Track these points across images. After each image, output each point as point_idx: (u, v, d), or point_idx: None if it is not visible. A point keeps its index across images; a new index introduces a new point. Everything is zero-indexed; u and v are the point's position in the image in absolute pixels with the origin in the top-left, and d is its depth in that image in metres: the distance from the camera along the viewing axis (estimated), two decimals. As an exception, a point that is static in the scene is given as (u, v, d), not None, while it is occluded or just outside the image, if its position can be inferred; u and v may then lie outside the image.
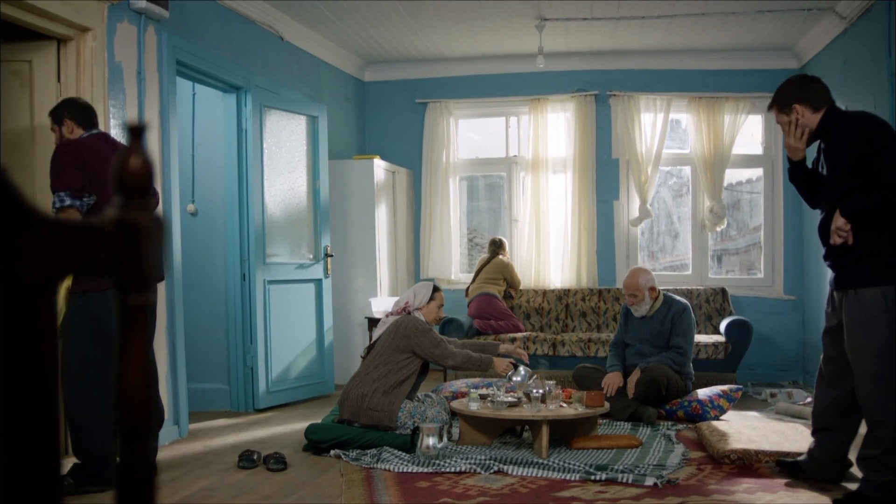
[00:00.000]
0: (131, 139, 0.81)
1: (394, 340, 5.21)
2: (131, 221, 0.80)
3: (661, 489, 4.05)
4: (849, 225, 3.62)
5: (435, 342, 5.20)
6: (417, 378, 5.30)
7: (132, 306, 0.82)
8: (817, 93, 3.97)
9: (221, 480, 4.38)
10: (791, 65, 8.23)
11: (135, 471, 0.84)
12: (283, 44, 7.16)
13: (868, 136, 3.68)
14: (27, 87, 4.69)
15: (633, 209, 8.51)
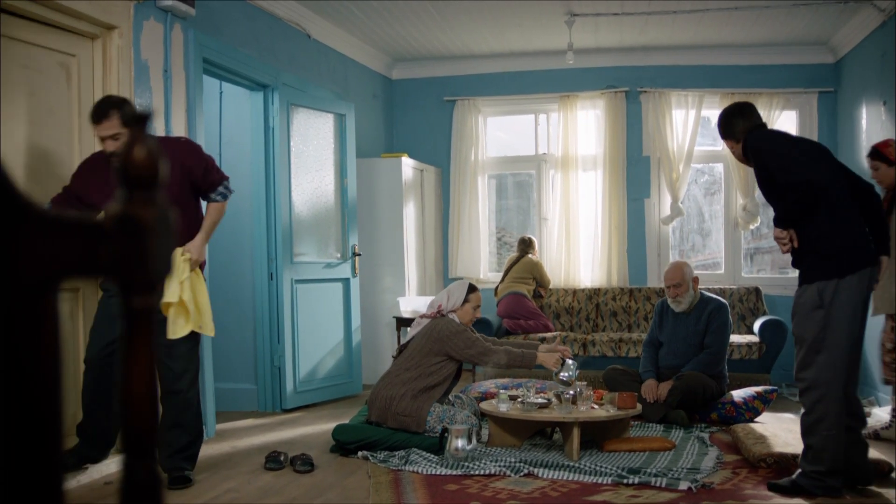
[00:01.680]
0: (135, 128, 0.74)
1: (426, 343, 5.13)
2: (134, 217, 0.73)
3: (696, 493, 3.96)
4: (784, 232, 3.88)
5: (470, 342, 5.10)
6: (451, 383, 5.23)
7: (136, 310, 0.76)
8: (735, 125, 4.26)
9: (248, 482, 4.33)
10: (827, 59, 8.08)
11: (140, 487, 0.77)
12: (310, 41, 7.12)
13: (758, 154, 4.00)
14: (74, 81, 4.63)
15: (665, 207, 8.39)
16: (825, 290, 3.80)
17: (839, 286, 3.79)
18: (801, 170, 3.81)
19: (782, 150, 3.95)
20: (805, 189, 3.77)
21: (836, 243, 3.83)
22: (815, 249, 3.85)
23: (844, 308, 3.79)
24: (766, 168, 3.93)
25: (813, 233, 3.85)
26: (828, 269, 3.81)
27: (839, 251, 3.82)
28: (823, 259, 3.83)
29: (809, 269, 3.87)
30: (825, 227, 3.83)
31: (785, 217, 3.87)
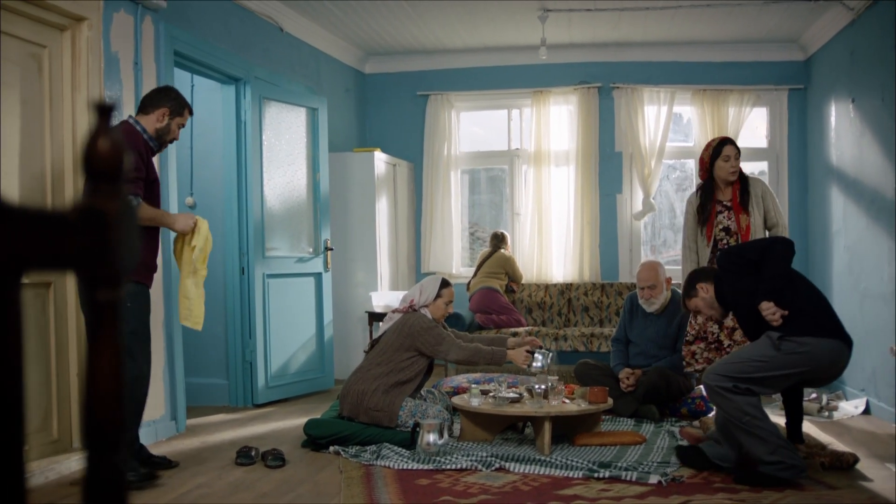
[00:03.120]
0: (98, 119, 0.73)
1: (397, 339, 5.12)
2: (99, 210, 0.72)
3: (666, 487, 3.98)
4: (771, 303, 4.08)
5: (439, 338, 5.08)
6: (422, 379, 5.22)
7: (101, 303, 0.75)
8: (706, 269, 4.63)
9: (218, 477, 4.31)
10: (797, 57, 8.15)
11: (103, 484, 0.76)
12: (282, 35, 7.08)
13: (724, 260, 4.46)
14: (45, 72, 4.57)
15: (637, 203, 8.43)
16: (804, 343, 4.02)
17: (820, 343, 4.03)
18: (768, 239, 4.40)
19: (746, 243, 4.50)
20: (786, 244, 4.26)
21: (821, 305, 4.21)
22: (800, 308, 4.10)
23: (811, 360, 4.02)
24: (743, 260, 4.28)
25: (795, 298, 4.14)
26: (807, 326, 4.06)
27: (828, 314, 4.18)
28: (807, 316, 4.10)
29: (799, 323, 4.07)
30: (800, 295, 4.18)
31: (777, 279, 4.14)
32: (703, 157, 5.49)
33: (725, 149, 5.37)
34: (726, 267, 4.34)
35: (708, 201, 5.40)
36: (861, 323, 6.50)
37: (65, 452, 4.49)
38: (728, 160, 5.35)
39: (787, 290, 4.11)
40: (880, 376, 6.06)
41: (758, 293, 4.11)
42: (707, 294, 4.40)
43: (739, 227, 5.32)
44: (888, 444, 5.08)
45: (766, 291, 4.10)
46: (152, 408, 5.13)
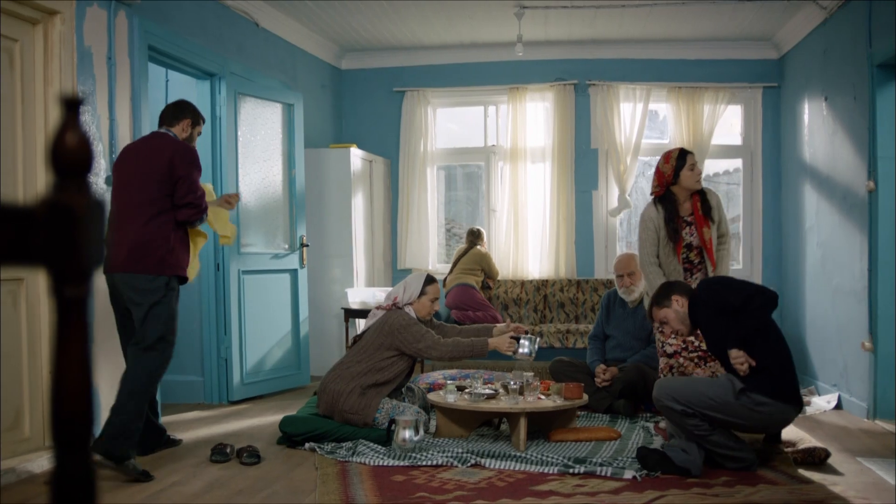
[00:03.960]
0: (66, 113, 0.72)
1: (378, 337, 5.07)
2: (66, 205, 0.72)
3: (641, 482, 4.01)
4: (741, 352, 4.03)
5: (418, 335, 5.02)
6: (403, 380, 5.17)
7: (69, 299, 0.74)
8: (682, 283, 4.59)
9: (193, 475, 4.29)
10: (771, 55, 8.21)
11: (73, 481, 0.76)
12: (258, 30, 7.05)
13: (705, 291, 4.34)
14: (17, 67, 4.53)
15: (612, 199, 8.47)
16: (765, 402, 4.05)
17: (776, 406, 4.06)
18: (753, 285, 4.28)
19: (725, 279, 4.41)
20: (765, 297, 4.15)
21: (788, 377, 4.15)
22: (767, 366, 4.07)
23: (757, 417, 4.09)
24: (725, 301, 4.16)
25: (766, 353, 4.10)
26: (769, 388, 4.05)
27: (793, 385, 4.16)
28: (777, 380, 4.08)
29: (763, 382, 4.05)
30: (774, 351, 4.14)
31: (744, 331, 4.07)
32: (661, 170, 5.27)
33: (689, 157, 5.25)
34: (705, 299, 4.27)
35: (674, 216, 5.21)
36: (833, 319, 6.57)
37: (37, 451, 4.45)
38: (694, 168, 5.24)
39: (759, 341, 4.08)
40: (852, 372, 6.12)
41: (730, 338, 4.09)
42: (682, 308, 4.35)
43: (703, 241, 5.15)
44: (859, 438, 5.14)
45: (738, 339, 4.06)
46: (126, 405, 5.09)
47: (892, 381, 5.64)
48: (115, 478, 4.17)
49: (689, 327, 4.39)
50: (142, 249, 4.36)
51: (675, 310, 4.35)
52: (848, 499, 3.72)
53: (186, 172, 4.46)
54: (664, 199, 5.25)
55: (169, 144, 4.53)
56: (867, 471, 4.29)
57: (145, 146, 4.59)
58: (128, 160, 4.57)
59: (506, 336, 5.07)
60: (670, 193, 5.24)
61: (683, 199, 5.25)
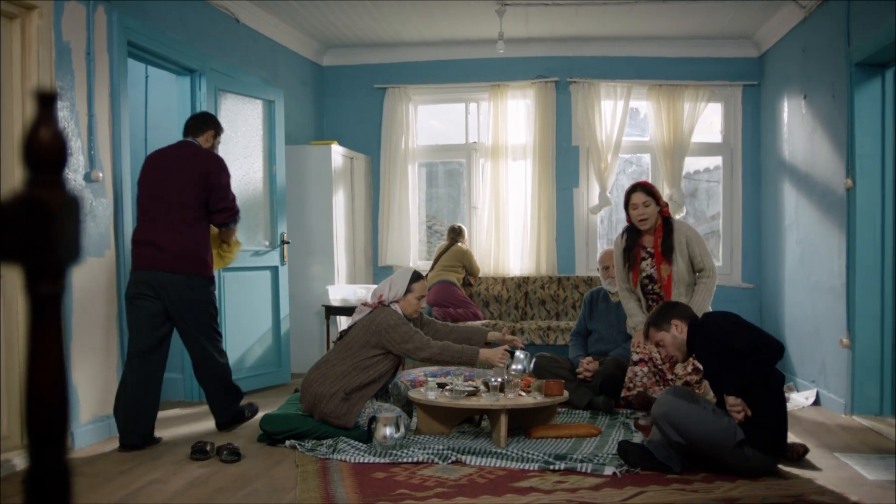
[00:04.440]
0: (40, 108, 0.72)
1: (364, 335, 4.97)
2: (40, 201, 0.71)
3: (621, 478, 4.03)
4: (739, 399, 3.99)
5: (406, 336, 4.91)
6: (388, 380, 5.10)
7: (43, 296, 0.73)
8: (686, 309, 4.43)
9: (173, 473, 4.27)
10: (751, 53, 8.25)
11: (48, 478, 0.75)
12: (238, 26, 7.02)
13: (713, 327, 4.17)
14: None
15: (593, 197, 8.49)
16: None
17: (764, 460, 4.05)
18: (763, 336, 4.06)
19: (737, 321, 4.16)
20: (775, 351, 4.01)
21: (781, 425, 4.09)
22: (762, 421, 4.01)
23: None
24: (729, 342, 4.04)
25: (764, 404, 4.04)
26: (763, 443, 4.02)
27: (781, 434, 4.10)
28: (769, 434, 4.03)
29: (759, 437, 4.01)
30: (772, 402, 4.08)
31: (748, 381, 3.99)
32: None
33: (633, 197, 5.27)
34: (708, 334, 4.18)
35: (633, 245, 5.27)
36: (812, 316, 6.61)
37: (15, 449, 4.42)
38: (636, 208, 5.23)
39: (758, 389, 4.02)
40: (830, 368, 6.17)
41: (729, 384, 4.02)
42: (680, 334, 4.28)
43: (661, 277, 5.19)
44: (837, 434, 5.18)
45: (737, 388, 4.00)
46: (104, 404, 5.07)
47: (870, 377, 5.69)
48: (94, 475, 4.16)
49: (685, 354, 4.36)
50: (188, 252, 4.87)
51: (672, 335, 4.29)
52: (825, 493, 3.75)
53: (219, 180, 4.98)
54: (630, 228, 5.40)
55: (202, 154, 5.00)
56: (844, 466, 4.33)
57: (177, 155, 4.99)
58: (159, 167, 4.97)
59: (500, 349, 5.01)
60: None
61: (644, 231, 5.32)
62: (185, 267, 4.86)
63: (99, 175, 5.05)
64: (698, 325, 4.26)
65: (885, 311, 5.68)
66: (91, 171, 5.00)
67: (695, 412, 4.07)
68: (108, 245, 5.19)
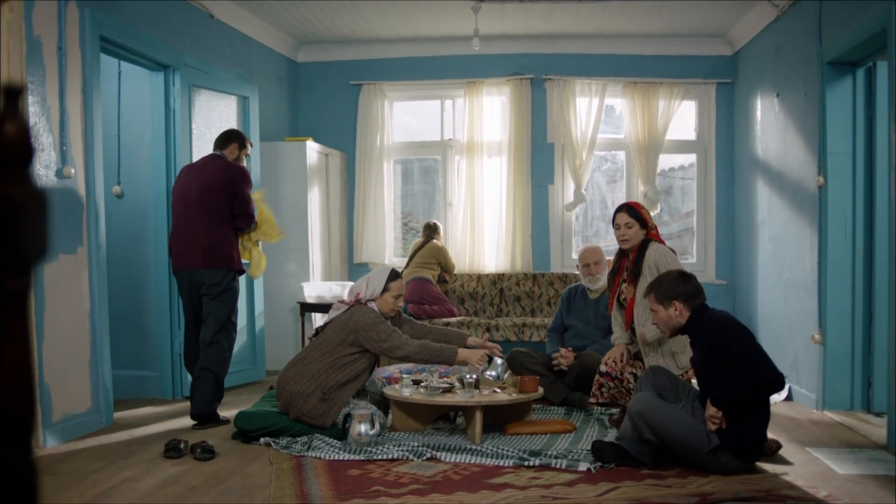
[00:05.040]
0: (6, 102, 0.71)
1: (341, 333, 4.93)
2: (5, 196, 0.70)
3: (595, 474, 4.04)
4: (720, 413, 4.00)
5: (385, 335, 4.87)
6: (366, 377, 5.06)
7: (9, 292, 0.73)
8: (697, 292, 4.31)
9: (146, 471, 4.24)
10: (725, 51, 8.31)
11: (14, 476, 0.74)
12: (213, 22, 6.97)
13: (724, 336, 4.05)
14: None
15: (568, 194, 8.51)
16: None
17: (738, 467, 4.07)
18: (770, 369, 3.96)
19: (749, 342, 4.06)
20: (773, 388, 3.99)
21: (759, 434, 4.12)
22: (741, 438, 4.03)
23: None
24: (728, 354, 3.99)
25: (751, 422, 4.05)
26: (742, 453, 4.05)
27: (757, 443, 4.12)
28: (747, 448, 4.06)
29: (740, 447, 4.04)
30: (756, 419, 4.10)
31: (737, 402, 3.99)
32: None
33: (617, 217, 5.26)
34: (714, 336, 4.09)
35: (617, 270, 5.31)
36: (784, 312, 6.67)
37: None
38: (618, 228, 5.23)
39: (749, 411, 4.02)
40: (802, 364, 6.22)
41: (717, 398, 4.00)
42: (678, 316, 4.26)
43: (629, 299, 5.20)
44: (808, 429, 5.23)
45: (724, 404, 3.99)
46: (76, 401, 5.03)
47: (841, 373, 5.75)
48: (66, 474, 4.12)
49: (672, 334, 4.38)
50: (214, 249, 5.45)
51: (669, 314, 4.27)
52: (796, 487, 3.79)
53: (241, 190, 5.54)
54: (621, 251, 5.37)
55: (227, 167, 5.57)
56: (815, 460, 4.37)
57: (206, 167, 5.58)
58: (190, 177, 5.58)
59: (480, 351, 4.99)
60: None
61: (631, 253, 5.32)
62: (214, 262, 5.46)
63: (71, 171, 5.00)
64: (705, 319, 4.20)
65: (856, 308, 5.74)
66: (63, 167, 4.95)
67: (672, 414, 4.10)
68: (81, 242, 5.15)
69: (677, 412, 4.13)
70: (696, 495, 3.63)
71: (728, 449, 4.01)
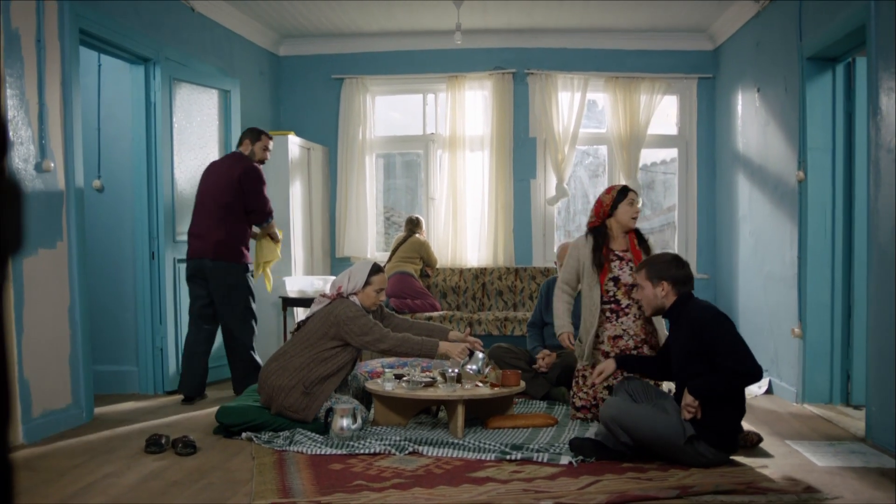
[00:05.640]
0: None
1: (322, 326, 4.93)
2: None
3: (577, 468, 4.06)
4: (696, 402, 4.03)
5: (366, 328, 4.87)
6: (348, 372, 5.07)
7: (-15, 286, 0.72)
8: (687, 279, 4.35)
9: (127, 466, 4.22)
10: (706, 46, 8.33)
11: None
12: (194, 15, 6.93)
13: (706, 326, 4.09)
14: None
15: (550, 188, 8.53)
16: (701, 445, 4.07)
17: (718, 456, 4.10)
18: (749, 360, 4.00)
19: (732, 333, 4.09)
20: (751, 380, 4.02)
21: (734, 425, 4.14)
22: (719, 429, 4.06)
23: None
24: (708, 344, 4.04)
25: (727, 413, 4.09)
26: (719, 443, 4.08)
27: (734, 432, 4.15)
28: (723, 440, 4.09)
29: (717, 437, 4.07)
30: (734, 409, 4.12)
31: (716, 393, 4.02)
32: (602, 200, 5.37)
33: (631, 194, 5.29)
34: (695, 322, 4.13)
35: (602, 246, 5.27)
36: (765, 305, 6.71)
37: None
38: (633, 204, 5.25)
39: (724, 401, 4.05)
40: (782, 357, 6.26)
41: (695, 388, 4.03)
42: (664, 297, 4.30)
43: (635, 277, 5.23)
44: (788, 422, 5.27)
45: (701, 394, 4.02)
46: (56, 397, 5.01)
47: (820, 366, 5.79)
48: (46, 470, 4.10)
49: (653, 313, 4.41)
50: (227, 243, 5.94)
51: (655, 293, 4.32)
52: (775, 480, 3.82)
53: (252, 187, 6.00)
54: (597, 230, 5.35)
55: (240, 165, 6.01)
56: (795, 453, 4.41)
57: (224, 164, 6.08)
58: (210, 173, 6.10)
59: (462, 344, 4.99)
60: (604, 227, 5.34)
61: (617, 234, 5.32)
62: (224, 255, 5.93)
63: (50, 165, 4.96)
64: (689, 306, 4.23)
65: (836, 302, 5.78)
66: (42, 160, 4.92)
67: (643, 414, 4.13)
68: (60, 236, 5.11)
69: (649, 410, 4.17)
70: (677, 488, 3.65)
71: (705, 439, 4.04)
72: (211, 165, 6.22)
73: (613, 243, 5.31)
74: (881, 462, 4.21)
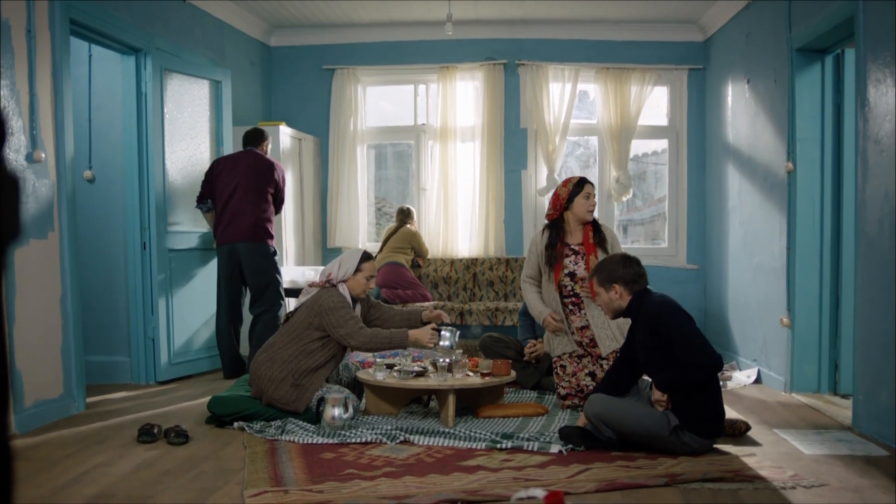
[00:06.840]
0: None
1: (307, 315, 4.94)
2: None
3: (567, 456, 4.09)
4: (665, 395, 4.11)
5: (342, 321, 4.86)
6: (337, 363, 5.07)
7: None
8: (638, 276, 4.34)
9: (119, 456, 4.24)
10: (696, 37, 8.35)
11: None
12: (185, 5, 6.92)
13: (662, 321, 4.12)
14: None
15: (541, 179, 8.55)
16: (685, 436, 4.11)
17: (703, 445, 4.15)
18: (704, 352, 4.04)
19: (687, 327, 4.11)
20: (710, 371, 4.04)
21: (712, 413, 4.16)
22: (692, 418, 4.09)
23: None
24: (666, 338, 4.09)
25: (697, 404, 4.11)
26: (703, 430, 4.12)
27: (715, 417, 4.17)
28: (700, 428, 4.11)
29: (701, 425, 4.11)
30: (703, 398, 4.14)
31: (680, 384, 4.07)
32: (558, 193, 5.40)
33: (588, 186, 5.31)
34: (653, 320, 4.16)
35: (556, 241, 5.30)
36: (754, 295, 6.75)
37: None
38: (589, 197, 5.27)
39: (698, 389, 4.10)
40: (771, 347, 6.31)
41: (659, 382, 4.11)
42: (619, 299, 4.32)
43: (589, 268, 5.20)
44: (776, 411, 5.31)
45: (666, 387, 4.10)
46: (48, 387, 5.02)
47: (808, 355, 5.84)
48: (38, 459, 4.12)
49: (614, 316, 4.42)
50: (260, 227, 6.47)
51: (610, 297, 4.33)
52: (763, 467, 3.85)
53: (284, 184, 6.76)
54: (553, 224, 5.39)
55: (273, 163, 6.65)
56: (783, 441, 4.45)
57: (249, 159, 6.57)
58: (235, 167, 6.52)
59: (427, 328, 4.99)
60: (561, 220, 5.37)
61: (574, 227, 5.35)
62: (257, 237, 6.45)
63: (41, 155, 4.96)
64: (645, 303, 4.26)
65: (824, 292, 5.83)
66: (33, 151, 4.91)
67: (627, 408, 4.17)
68: (52, 227, 5.12)
69: (632, 403, 4.21)
70: (665, 476, 3.69)
71: (689, 428, 4.08)
72: (232, 159, 6.61)
73: (569, 237, 5.35)
74: (867, 450, 4.25)
